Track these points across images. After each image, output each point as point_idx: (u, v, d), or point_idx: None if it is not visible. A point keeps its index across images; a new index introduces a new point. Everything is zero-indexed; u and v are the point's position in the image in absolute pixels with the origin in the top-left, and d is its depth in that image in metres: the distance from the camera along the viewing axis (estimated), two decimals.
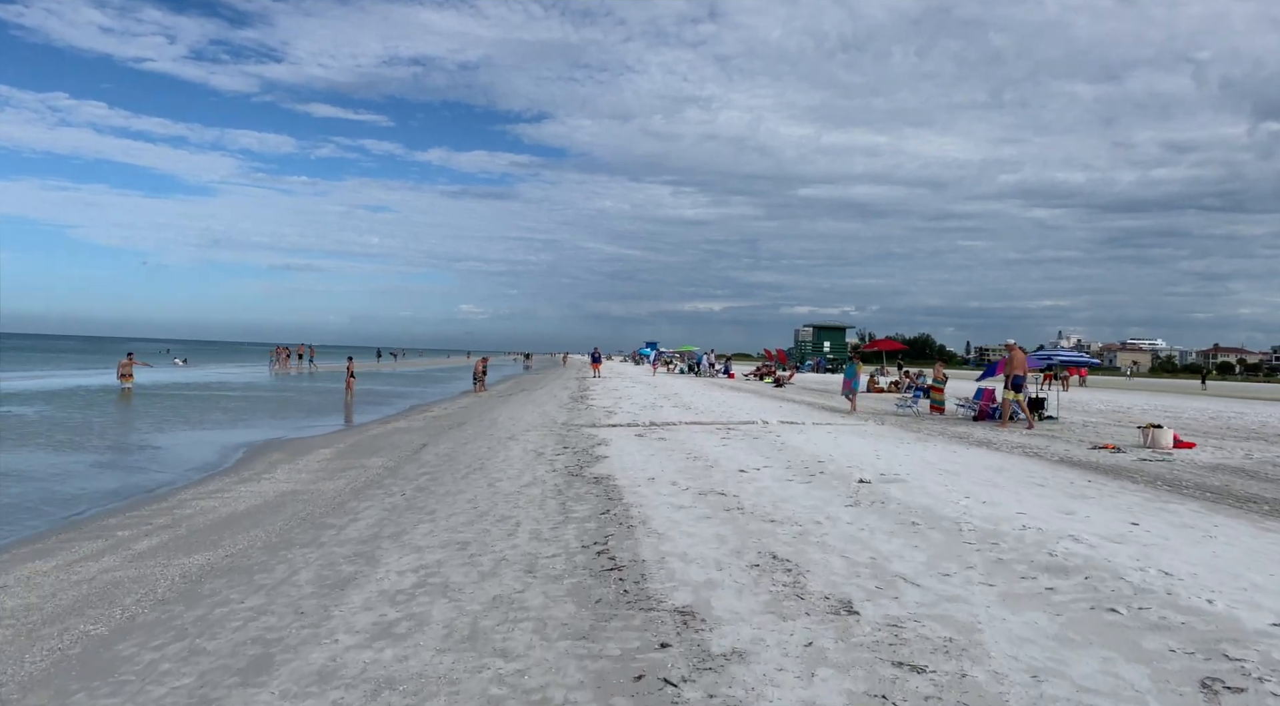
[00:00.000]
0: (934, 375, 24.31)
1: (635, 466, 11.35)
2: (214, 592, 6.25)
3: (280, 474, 13.18)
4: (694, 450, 13.09)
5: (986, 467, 11.42)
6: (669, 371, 62.75)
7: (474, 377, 39.82)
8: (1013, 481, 10.12)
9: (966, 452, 13.43)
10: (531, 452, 13.32)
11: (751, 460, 11.77)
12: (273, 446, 17.19)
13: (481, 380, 39.50)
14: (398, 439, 17.74)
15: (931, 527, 7.24)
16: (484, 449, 14.27)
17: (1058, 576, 5.70)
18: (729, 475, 10.44)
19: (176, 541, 8.37)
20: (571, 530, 7.48)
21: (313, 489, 11.51)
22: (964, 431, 17.77)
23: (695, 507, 8.34)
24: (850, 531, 7.17)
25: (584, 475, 10.73)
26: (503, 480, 10.64)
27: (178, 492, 11.63)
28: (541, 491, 9.62)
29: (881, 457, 12.09)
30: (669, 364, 78.41)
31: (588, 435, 15.69)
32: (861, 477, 9.81)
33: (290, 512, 9.63)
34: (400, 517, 8.68)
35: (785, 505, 8.35)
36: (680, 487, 9.52)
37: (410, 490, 10.53)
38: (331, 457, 15.11)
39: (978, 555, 6.31)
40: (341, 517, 9.04)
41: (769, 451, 12.84)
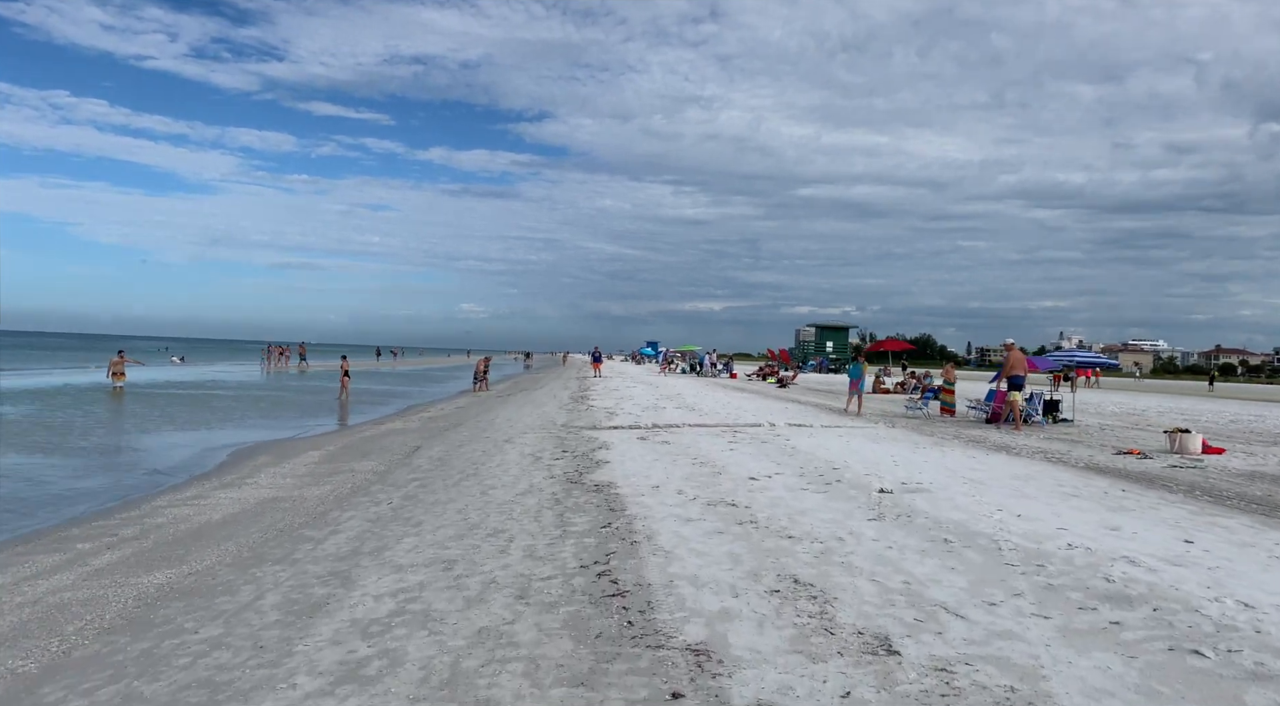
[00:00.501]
0: (945, 376, 23.63)
1: (638, 473, 10.67)
2: (167, 620, 5.57)
3: (264, 478, 12.51)
4: (700, 455, 12.42)
5: (1013, 476, 10.74)
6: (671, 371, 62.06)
7: (475, 377, 39.02)
8: (1044, 492, 9.44)
9: (987, 459, 12.74)
10: (529, 457, 12.64)
11: (762, 466, 11.09)
12: (260, 449, 16.52)
13: (484, 379, 38.69)
14: (390, 441, 17.07)
15: (967, 546, 6.56)
16: (479, 453, 13.60)
17: (1121, 607, 5.02)
18: (738, 483, 9.76)
19: (140, 556, 7.70)
20: (569, 547, 6.80)
21: (295, 496, 10.84)
22: (979, 435, 17.09)
23: (704, 520, 7.66)
24: (877, 550, 6.49)
25: (584, 482, 10.06)
26: (497, 488, 9.96)
27: (153, 498, 10.96)
28: (538, 501, 8.94)
29: (899, 464, 11.41)
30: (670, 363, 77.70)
31: (588, 438, 15.01)
32: (882, 487, 9.13)
33: (268, 523, 8.96)
34: (384, 530, 8.00)
35: (802, 518, 7.67)
36: (687, 497, 8.85)
37: (398, 498, 9.85)
38: (320, 461, 14.43)
39: (1024, 580, 5.63)
40: (321, 529, 8.36)
41: (779, 457, 12.16)
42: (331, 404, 29.23)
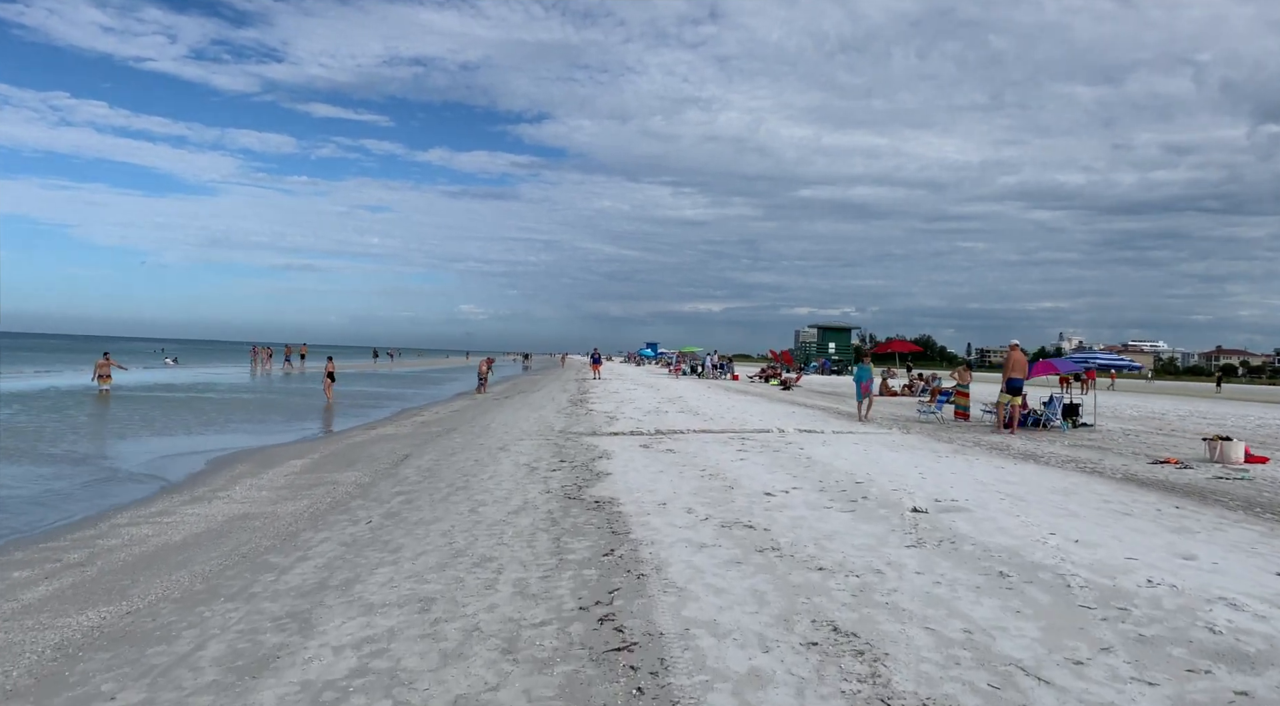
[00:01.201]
0: (959, 379, 22.73)
1: (642, 486, 9.78)
2: (84, 679, 4.66)
3: (238, 491, 11.60)
4: (708, 465, 11.52)
5: (1051, 490, 9.84)
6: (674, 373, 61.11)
7: (479, 378, 37.91)
8: (1091, 509, 8.54)
9: (1017, 469, 11.84)
10: (524, 467, 11.74)
11: (777, 479, 10.19)
12: (240, 457, 15.60)
13: (484, 382, 37.61)
14: (378, 448, 16.16)
15: (1028, 581, 5.66)
16: (471, 462, 12.70)
17: (1242, 669, 4.13)
18: (753, 499, 8.86)
19: (79, 588, 6.79)
20: (567, 581, 5.90)
21: (268, 512, 9.93)
22: (999, 441, 16.20)
23: (719, 546, 6.76)
24: (924, 586, 5.59)
25: (583, 498, 9.16)
26: (488, 504, 9.06)
27: (113, 514, 10.04)
28: (532, 521, 8.04)
29: (926, 477, 10.51)
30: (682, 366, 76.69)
31: (587, 445, 14.12)
32: (915, 506, 8.22)
33: (231, 545, 8.05)
34: (359, 556, 7.10)
35: (831, 544, 6.77)
36: (698, 517, 7.95)
37: (379, 516, 8.95)
38: (301, 471, 13.52)
39: (1108, 628, 4.73)
40: (289, 554, 7.45)
41: (794, 468, 11.26)
42: (321, 407, 28.32)
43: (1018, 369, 18.74)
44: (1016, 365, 18.80)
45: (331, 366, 31.38)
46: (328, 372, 30.94)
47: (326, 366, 31.50)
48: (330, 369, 31.12)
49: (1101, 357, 19.90)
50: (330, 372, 30.86)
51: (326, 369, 31.29)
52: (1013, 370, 18.71)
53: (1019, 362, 18.91)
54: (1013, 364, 18.84)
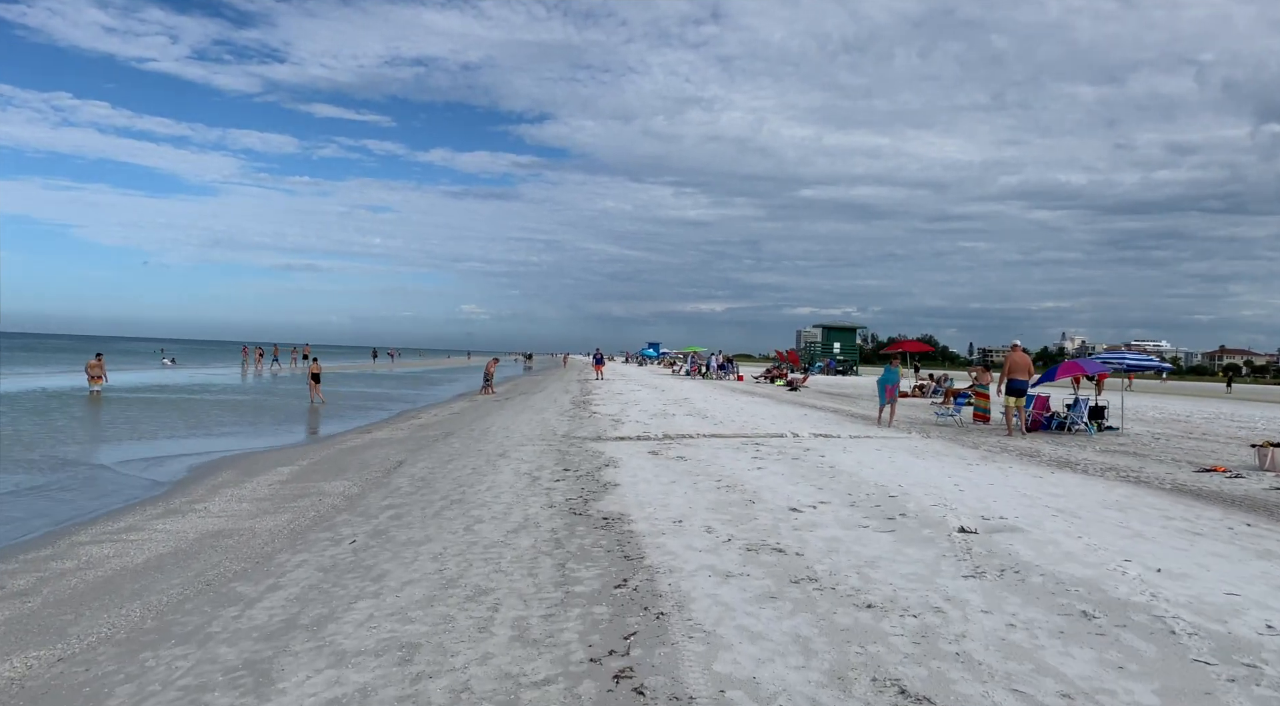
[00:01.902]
0: (977, 379, 21.84)
1: (654, 500, 8.92)
2: None
3: (217, 503, 10.75)
4: (723, 474, 10.66)
5: (1103, 504, 8.97)
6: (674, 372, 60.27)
7: (485, 378, 36.82)
8: (1156, 528, 7.67)
9: (1056, 479, 10.98)
10: (525, 476, 10.89)
11: (801, 492, 9.33)
12: (225, 464, 14.75)
13: (490, 382, 36.54)
14: (372, 454, 15.30)
15: (1120, 624, 4.79)
16: (468, 471, 11.84)
17: None
18: (778, 515, 8.01)
19: (14, 624, 5.93)
20: (574, 621, 5.05)
21: (245, 528, 9.07)
22: (1027, 446, 15.33)
23: (747, 575, 5.91)
24: (997, 629, 4.73)
25: (589, 513, 8.30)
26: (485, 520, 8.21)
27: (75, 531, 9.19)
28: (534, 542, 7.18)
29: (963, 488, 9.64)
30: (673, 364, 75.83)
31: (592, 452, 13.26)
32: (963, 525, 7.35)
33: (197, 570, 7.20)
34: (337, 585, 6.25)
35: (876, 574, 5.91)
36: (719, 538, 7.09)
37: (364, 535, 8.09)
38: (287, 480, 12.67)
39: (1241, 694, 3.87)
40: (259, 581, 6.60)
41: (817, 477, 10.40)
42: (316, 410, 27.49)
43: (1019, 370, 17.96)
44: (1018, 366, 18.00)
45: (316, 367, 30.58)
46: (311, 374, 30.16)
47: (310, 367, 30.75)
48: (315, 370, 30.33)
49: (1131, 358, 19.03)
50: (315, 374, 30.04)
51: (310, 370, 30.55)
52: (1014, 371, 17.93)
53: (1021, 363, 18.08)
54: (1014, 365, 18.01)
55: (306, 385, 30.07)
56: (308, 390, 29.61)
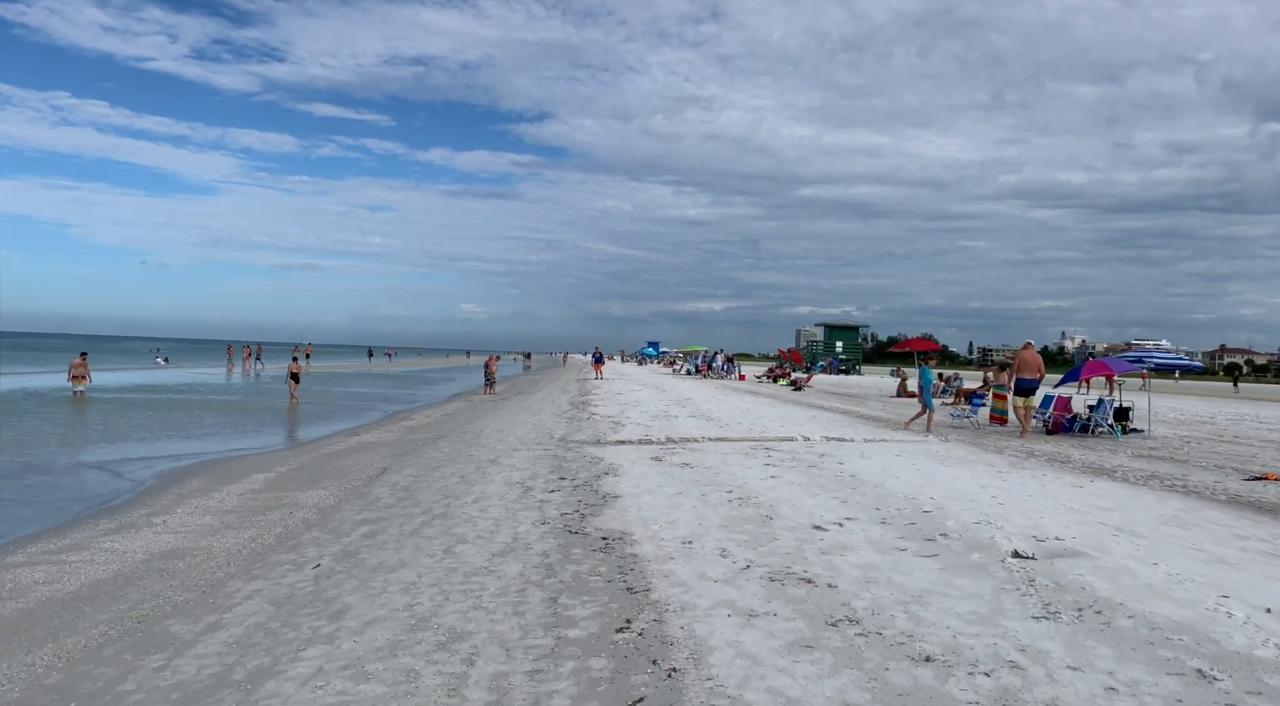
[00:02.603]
0: (994, 379, 20.89)
1: (659, 515, 7.97)
2: None
3: (178, 516, 9.79)
4: (734, 484, 9.72)
5: (1160, 519, 8.02)
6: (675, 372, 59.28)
7: (487, 377, 35.60)
8: (1234, 550, 6.72)
9: (1098, 488, 10.03)
10: (516, 487, 9.94)
11: (822, 505, 8.38)
12: (198, 470, 13.80)
13: (492, 381, 35.29)
14: (354, 460, 14.34)
15: (1254, 690, 3.84)
16: (455, 479, 10.89)
17: None
18: (801, 535, 7.06)
19: None
20: (566, 680, 4.10)
21: (202, 547, 8.12)
22: (1053, 450, 14.38)
23: (774, 615, 4.96)
24: (1095, 695, 3.78)
25: (587, 532, 7.36)
26: (468, 540, 7.26)
27: (13, 550, 8.21)
28: (522, 569, 6.23)
29: (1002, 501, 8.69)
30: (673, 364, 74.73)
31: (591, 458, 12.31)
32: (1017, 549, 6.39)
33: (132, 602, 6.24)
34: (287, 625, 5.29)
35: (927, 613, 4.96)
36: (736, 564, 6.14)
37: (331, 557, 7.14)
38: (260, 488, 11.71)
39: None
40: (199, 618, 5.65)
41: (838, 488, 9.44)
42: (305, 411, 26.54)
43: (1029, 369, 17.39)
44: (1028, 365, 17.45)
45: (296, 367, 29.63)
46: (290, 373, 29.22)
47: (290, 366, 29.83)
48: (294, 369, 29.39)
49: (1159, 357, 18.10)
50: (294, 373, 29.12)
51: (290, 369, 29.59)
52: (1024, 370, 17.36)
53: (1030, 362, 17.53)
54: (1023, 364, 17.47)
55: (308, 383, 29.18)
56: (291, 390, 28.84)
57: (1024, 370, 17.41)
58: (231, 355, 61.06)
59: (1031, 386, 17.31)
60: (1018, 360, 17.83)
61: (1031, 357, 17.73)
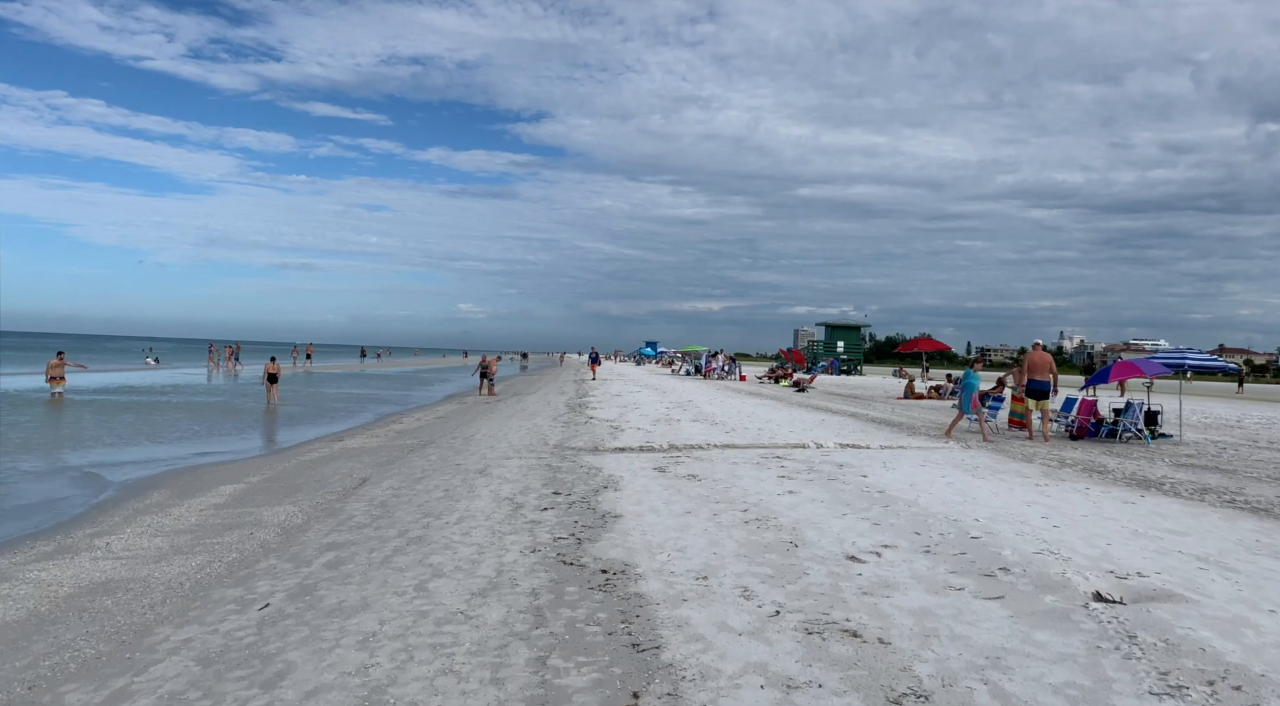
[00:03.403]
0: (1014, 381, 19.84)
1: (667, 540, 6.93)
2: None
3: (125, 538, 8.74)
4: (748, 500, 8.68)
5: (1245, 546, 6.98)
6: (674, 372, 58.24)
7: (485, 376, 33.86)
8: None
9: (1150, 504, 8.99)
10: (506, 503, 8.90)
11: (853, 528, 7.33)
12: (165, 480, 12.75)
13: (488, 383, 33.97)
14: (333, 469, 13.29)
15: None
16: (439, 494, 9.85)
17: None
18: (834, 567, 6.02)
19: None
20: None
21: (140, 578, 7.07)
22: (1085, 458, 13.36)
23: (819, 685, 3.92)
24: None
25: (584, 562, 6.32)
26: (446, 573, 6.22)
27: None
28: (505, 613, 5.19)
29: (1056, 523, 7.64)
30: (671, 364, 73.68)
31: (588, 469, 11.28)
32: (1099, 591, 5.34)
33: (36, 654, 5.19)
34: (208, 696, 4.25)
35: (1010, 683, 3.92)
36: (763, 607, 5.10)
37: (284, 594, 6.09)
38: (225, 503, 10.66)
39: None
40: (103, 685, 4.60)
41: (866, 505, 8.40)
42: (292, 414, 25.49)
43: (1040, 370, 16.62)
44: (1038, 366, 16.67)
45: (274, 367, 28.77)
46: (268, 374, 28.42)
47: (267, 367, 28.93)
48: (271, 370, 28.54)
49: (1194, 358, 17.06)
50: (271, 374, 28.31)
51: (267, 370, 28.75)
52: (1034, 371, 16.61)
53: (1041, 363, 16.73)
54: (1034, 364, 16.71)
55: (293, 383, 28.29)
56: (268, 391, 28.17)
57: (1035, 371, 16.70)
58: (214, 354, 59.97)
59: (1043, 388, 16.55)
60: (1027, 361, 17.07)
61: (1042, 358, 16.98)
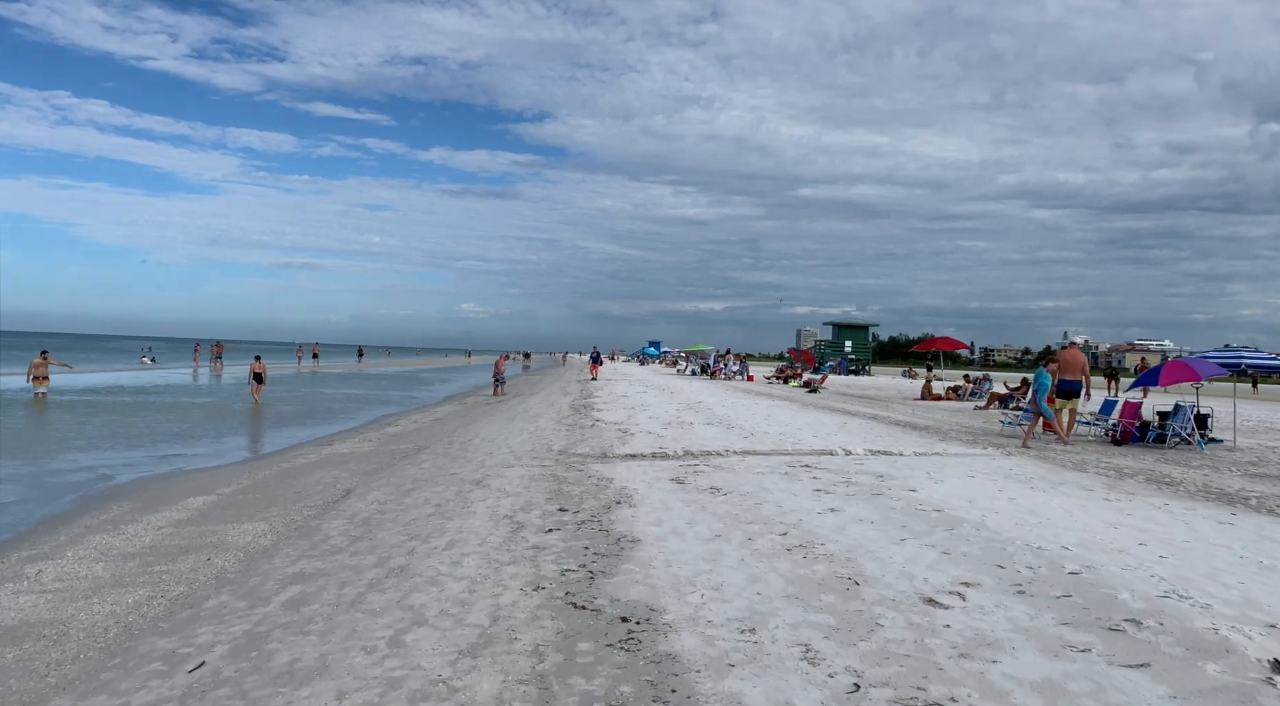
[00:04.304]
0: None
1: (698, 574, 5.73)
2: None
3: (64, 563, 7.54)
4: (784, 519, 7.47)
5: None
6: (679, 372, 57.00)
7: (495, 378, 33.45)
8: None
9: (1252, 524, 7.77)
10: (505, 523, 7.69)
11: (919, 558, 6.12)
12: (130, 490, 11.57)
13: (500, 382, 33.16)
14: (317, 478, 12.08)
15: None
16: (429, 510, 8.65)
17: None
18: (912, 614, 4.81)
19: None
20: None
21: (62, 620, 5.87)
22: (1141, 466, 12.13)
23: None
24: None
25: (598, 607, 5.11)
26: (428, 621, 5.01)
27: None
28: (500, 688, 3.99)
29: (1163, 552, 6.41)
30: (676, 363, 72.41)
31: (598, 479, 10.08)
32: (1277, 658, 4.13)
33: None
34: None
35: None
36: (836, 680, 3.89)
37: (226, 648, 4.89)
38: (190, 518, 9.46)
39: None
40: None
41: (925, 527, 7.18)
42: (285, 414, 24.31)
43: (1072, 370, 15.90)
44: (1071, 365, 15.94)
45: (259, 366, 27.96)
46: (253, 373, 27.60)
47: (252, 366, 28.12)
48: (257, 369, 27.72)
49: (1252, 358, 15.85)
50: (257, 373, 27.51)
51: (252, 369, 27.90)
52: (1066, 371, 15.89)
53: (1073, 362, 15.99)
54: (1066, 364, 15.98)
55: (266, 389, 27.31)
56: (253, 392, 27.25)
57: (1067, 371, 15.99)
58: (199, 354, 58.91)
59: (1075, 388, 15.87)
60: (1060, 360, 16.34)
61: (1075, 357, 16.25)
